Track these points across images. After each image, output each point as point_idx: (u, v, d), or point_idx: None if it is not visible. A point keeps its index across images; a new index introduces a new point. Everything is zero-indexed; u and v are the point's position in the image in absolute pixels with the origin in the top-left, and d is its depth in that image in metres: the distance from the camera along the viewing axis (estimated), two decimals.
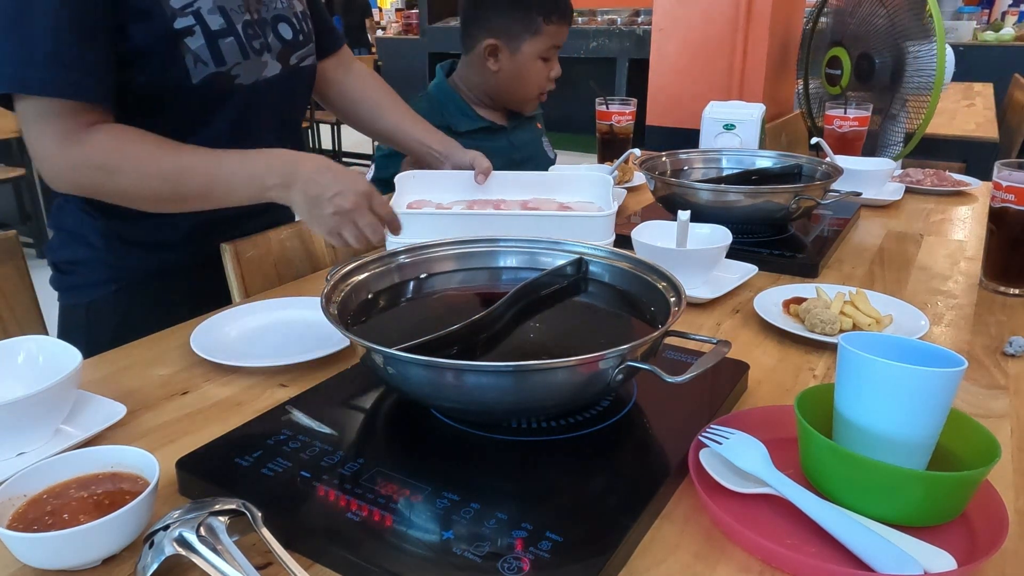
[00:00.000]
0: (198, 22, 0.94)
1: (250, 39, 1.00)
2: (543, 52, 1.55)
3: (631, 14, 5.73)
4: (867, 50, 2.01)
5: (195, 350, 0.83)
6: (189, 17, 0.93)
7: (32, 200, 3.83)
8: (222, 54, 0.96)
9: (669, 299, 0.72)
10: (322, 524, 0.54)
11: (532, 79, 1.58)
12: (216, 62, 0.96)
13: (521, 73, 1.57)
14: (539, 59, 1.56)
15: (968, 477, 0.54)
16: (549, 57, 1.57)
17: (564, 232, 0.94)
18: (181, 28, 0.93)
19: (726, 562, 0.54)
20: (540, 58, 1.56)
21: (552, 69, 1.59)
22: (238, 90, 1.00)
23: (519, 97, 1.62)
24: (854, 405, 0.58)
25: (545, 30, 1.53)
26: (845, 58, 2.03)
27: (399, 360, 0.60)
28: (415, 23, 6.76)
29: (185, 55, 0.93)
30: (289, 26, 1.07)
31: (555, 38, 1.55)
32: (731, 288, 1.02)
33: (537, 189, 1.15)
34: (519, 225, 0.94)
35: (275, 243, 1.16)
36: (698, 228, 1.06)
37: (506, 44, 1.55)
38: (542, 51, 1.55)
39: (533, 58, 1.55)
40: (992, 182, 1.06)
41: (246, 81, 1.00)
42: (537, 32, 1.53)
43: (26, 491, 0.54)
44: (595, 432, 0.65)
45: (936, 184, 1.66)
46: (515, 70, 1.57)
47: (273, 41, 1.04)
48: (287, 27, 1.06)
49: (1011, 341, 0.87)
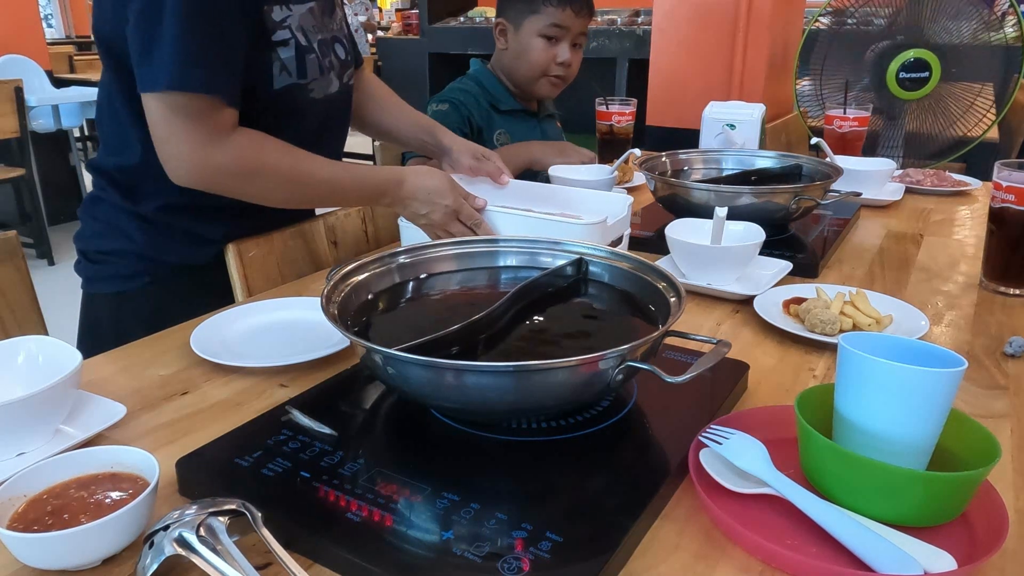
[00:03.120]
0: (292, 36, 1.00)
1: (323, 56, 1.07)
2: (543, 30, 1.60)
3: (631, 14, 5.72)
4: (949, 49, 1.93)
5: (195, 350, 0.83)
6: (286, 31, 1.00)
7: (32, 200, 3.83)
8: (306, 68, 1.03)
9: (669, 299, 0.72)
10: (322, 524, 0.54)
11: (533, 57, 1.62)
12: (299, 74, 1.03)
13: (522, 51, 1.63)
14: (539, 37, 1.60)
15: (968, 477, 0.54)
16: (554, 37, 1.61)
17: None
18: (278, 40, 0.99)
19: (726, 562, 0.54)
20: (542, 36, 1.60)
21: (559, 54, 1.62)
22: (311, 104, 1.06)
23: (523, 75, 1.66)
24: (854, 405, 0.58)
25: (544, 9, 1.58)
26: (931, 58, 1.95)
27: (399, 360, 0.60)
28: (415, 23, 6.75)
29: (273, 63, 1.00)
30: (342, 47, 1.14)
31: (555, 18, 1.58)
32: (769, 286, 1.02)
33: (565, 205, 1.17)
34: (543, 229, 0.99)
35: (278, 243, 1.16)
36: (731, 226, 1.07)
37: (511, 23, 1.63)
38: (541, 29, 1.60)
39: (532, 35, 1.61)
40: (992, 182, 1.06)
41: (318, 96, 1.07)
42: (536, 11, 1.59)
43: (26, 491, 0.54)
44: (595, 432, 0.65)
45: (936, 184, 1.66)
46: (518, 48, 1.64)
47: (335, 60, 1.10)
48: (341, 47, 1.13)
49: (1011, 341, 0.87)
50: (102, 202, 1.09)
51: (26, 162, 3.73)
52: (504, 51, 1.67)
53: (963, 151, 2.02)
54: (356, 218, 1.33)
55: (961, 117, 2.01)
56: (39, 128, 4.04)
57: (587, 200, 1.17)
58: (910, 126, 2.06)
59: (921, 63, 1.96)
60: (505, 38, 1.66)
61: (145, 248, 1.08)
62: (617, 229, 1.06)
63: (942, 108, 2.03)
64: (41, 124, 4.05)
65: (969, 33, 1.98)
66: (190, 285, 1.10)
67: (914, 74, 1.98)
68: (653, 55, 2.60)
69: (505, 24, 1.65)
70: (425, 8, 5.99)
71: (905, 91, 2.01)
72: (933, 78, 1.97)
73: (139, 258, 1.08)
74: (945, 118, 2.03)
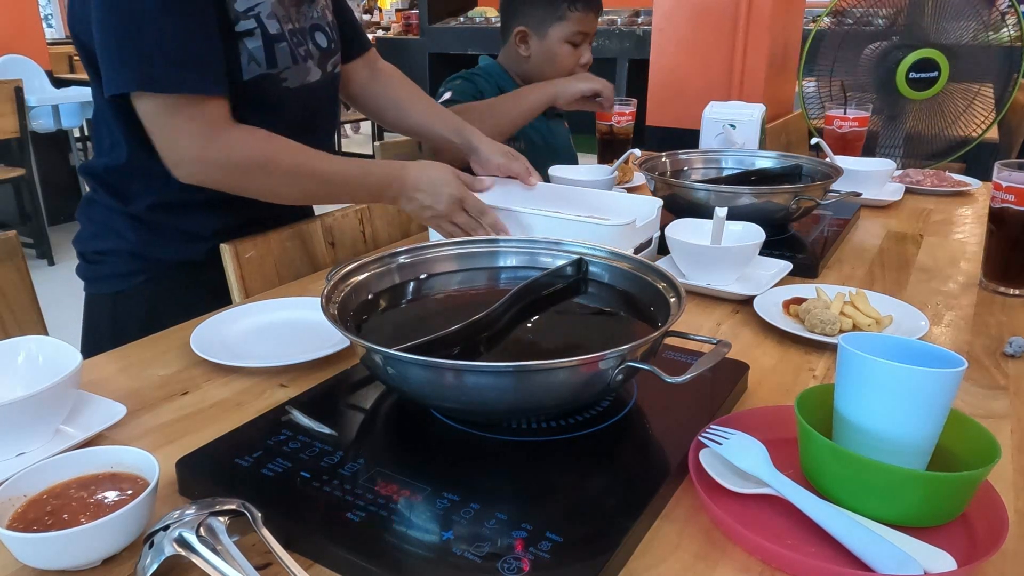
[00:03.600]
0: (259, 25, 0.99)
1: (296, 45, 1.05)
2: (569, 37, 1.62)
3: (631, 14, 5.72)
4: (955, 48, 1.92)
5: (195, 350, 0.83)
6: (251, 20, 0.99)
7: (32, 200, 3.83)
8: (275, 57, 1.02)
9: (669, 299, 0.72)
10: (322, 524, 0.54)
11: (560, 63, 1.63)
12: (269, 64, 1.01)
13: (549, 57, 1.64)
14: (566, 43, 1.62)
15: (968, 477, 0.54)
16: (577, 43, 1.63)
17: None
18: (243, 30, 0.98)
19: (726, 562, 0.54)
20: (567, 42, 1.62)
21: (582, 56, 1.65)
22: (286, 94, 1.05)
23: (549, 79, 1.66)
24: (854, 405, 0.58)
25: (569, 16, 1.60)
26: (940, 58, 1.94)
27: (399, 360, 0.60)
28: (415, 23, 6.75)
29: (241, 54, 0.98)
30: (324, 35, 1.13)
31: (580, 24, 1.61)
32: (769, 286, 1.02)
33: (593, 207, 1.17)
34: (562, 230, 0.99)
35: (275, 243, 1.16)
36: (731, 226, 1.07)
37: (534, 30, 1.63)
38: (568, 36, 1.61)
39: (559, 42, 1.62)
40: (992, 182, 1.06)
41: (292, 84, 1.06)
42: (562, 18, 1.60)
43: (26, 491, 0.54)
44: (595, 432, 0.65)
45: (936, 184, 1.66)
46: (544, 54, 1.64)
47: (313, 48, 1.10)
48: (322, 35, 1.12)
49: (1011, 341, 0.87)
50: (96, 203, 1.10)
51: (26, 162, 3.73)
52: (526, 58, 1.66)
53: (963, 151, 2.02)
54: (354, 219, 1.33)
55: (961, 117, 2.01)
56: (39, 128, 4.05)
57: (616, 202, 1.17)
58: (910, 126, 2.06)
59: (931, 63, 1.97)
60: (527, 44, 1.65)
61: (139, 247, 1.08)
62: (646, 231, 1.06)
63: (942, 108, 2.02)
64: (41, 124, 4.06)
65: (969, 33, 1.98)
66: (186, 282, 1.10)
67: (924, 74, 1.99)
68: (653, 55, 2.60)
69: (527, 32, 1.64)
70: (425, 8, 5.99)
71: (915, 91, 2.01)
72: (942, 78, 1.97)
73: (134, 257, 1.08)
74: (945, 118, 2.03)
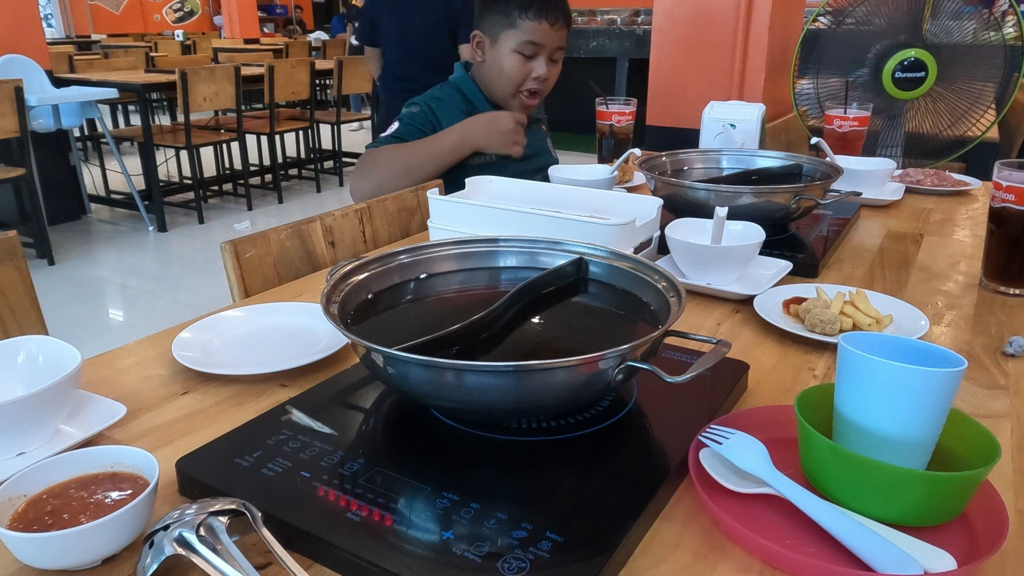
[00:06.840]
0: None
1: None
2: (519, 47, 1.56)
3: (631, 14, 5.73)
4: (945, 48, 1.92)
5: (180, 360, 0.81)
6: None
7: (32, 200, 3.83)
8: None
9: (669, 299, 0.72)
10: (322, 524, 0.54)
11: (508, 74, 1.59)
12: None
13: (497, 65, 1.60)
14: (515, 53, 1.57)
15: (968, 477, 0.54)
16: (529, 54, 1.57)
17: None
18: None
19: (726, 562, 0.54)
20: (517, 52, 1.57)
21: (534, 70, 1.59)
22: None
23: (497, 90, 1.64)
24: (854, 405, 0.58)
25: (520, 24, 1.55)
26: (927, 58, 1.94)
27: (399, 360, 0.60)
28: None
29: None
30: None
31: (532, 34, 1.55)
32: (769, 286, 1.02)
33: (594, 207, 1.18)
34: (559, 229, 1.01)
35: (275, 243, 1.16)
36: (731, 225, 1.07)
37: (488, 36, 1.60)
38: (517, 46, 1.56)
39: (508, 51, 1.57)
40: (992, 182, 1.06)
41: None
42: (512, 25, 1.56)
43: (26, 491, 0.54)
44: (595, 432, 0.65)
45: (936, 184, 1.66)
46: (493, 62, 1.61)
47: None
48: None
49: (1011, 341, 0.87)
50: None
51: (26, 162, 3.73)
52: (481, 64, 1.64)
53: (963, 151, 2.02)
54: (353, 218, 1.33)
55: (961, 117, 2.01)
56: (39, 128, 4.05)
57: (616, 202, 1.17)
58: (910, 126, 2.06)
59: (917, 63, 1.96)
60: (482, 51, 1.62)
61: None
62: (646, 231, 1.06)
63: (942, 108, 2.02)
64: (41, 124, 4.06)
65: (969, 33, 1.98)
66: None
67: (910, 74, 1.98)
68: (653, 55, 2.60)
69: (482, 37, 1.61)
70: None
71: (901, 91, 2.00)
72: (929, 78, 1.96)
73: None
74: (945, 118, 2.03)
